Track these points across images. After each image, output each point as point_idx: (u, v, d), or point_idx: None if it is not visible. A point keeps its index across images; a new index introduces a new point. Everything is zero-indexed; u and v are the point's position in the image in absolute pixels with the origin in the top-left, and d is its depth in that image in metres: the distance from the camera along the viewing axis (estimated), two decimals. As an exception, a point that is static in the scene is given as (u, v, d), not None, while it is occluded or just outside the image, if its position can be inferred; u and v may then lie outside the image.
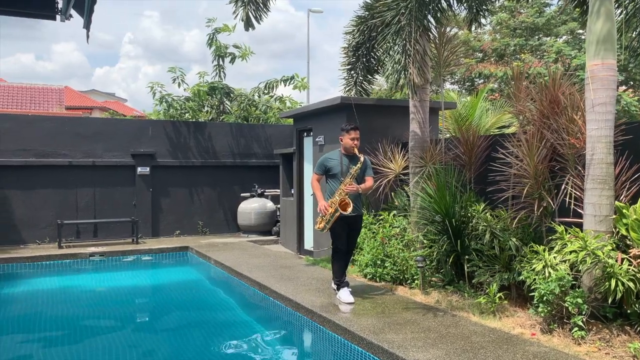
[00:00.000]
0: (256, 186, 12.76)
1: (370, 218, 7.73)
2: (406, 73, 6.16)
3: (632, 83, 19.38)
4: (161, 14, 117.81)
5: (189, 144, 12.63)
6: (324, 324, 5.36)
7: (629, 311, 4.47)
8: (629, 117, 17.36)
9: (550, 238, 5.16)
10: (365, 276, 7.10)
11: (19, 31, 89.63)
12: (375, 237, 7.18)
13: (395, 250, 6.83)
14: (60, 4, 5.85)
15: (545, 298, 4.57)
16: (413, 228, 7.03)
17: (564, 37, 21.32)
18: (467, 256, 6.01)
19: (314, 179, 6.22)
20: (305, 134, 10.02)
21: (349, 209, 5.85)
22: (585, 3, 7.03)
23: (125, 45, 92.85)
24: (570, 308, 4.47)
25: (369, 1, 7.99)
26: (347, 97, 8.31)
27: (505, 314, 5.25)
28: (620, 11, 6.97)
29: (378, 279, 6.91)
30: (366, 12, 8.01)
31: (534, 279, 4.78)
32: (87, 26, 6.21)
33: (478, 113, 11.01)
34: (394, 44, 6.32)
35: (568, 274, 4.56)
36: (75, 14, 6.03)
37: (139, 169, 11.96)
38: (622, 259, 4.47)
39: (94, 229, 11.61)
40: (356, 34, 8.30)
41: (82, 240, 11.32)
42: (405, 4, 6.20)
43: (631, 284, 4.29)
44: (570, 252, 4.58)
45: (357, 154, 6.01)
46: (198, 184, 12.74)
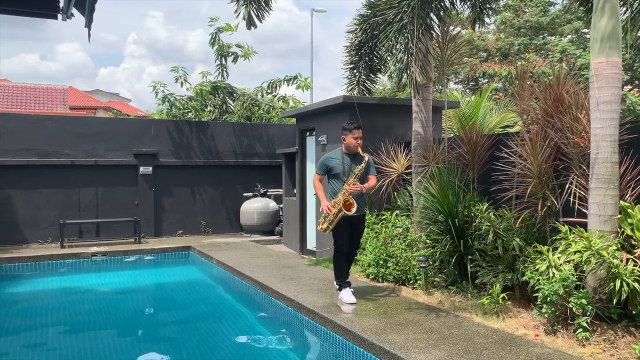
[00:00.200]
0: (259, 186, 12.73)
1: (372, 218, 7.68)
2: (408, 72, 6.11)
3: (638, 82, 19.24)
4: (165, 14, 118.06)
5: (191, 143, 12.60)
6: (325, 325, 5.31)
7: (634, 312, 4.41)
8: (634, 117, 17.25)
9: (554, 238, 5.10)
10: (368, 276, 7.06)
11: (24, 31, 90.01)
12: (377, 237, 7.13)
13: (398, 250, 6.78)
14: (61, 2, 5.84)
15: (549, 299, 4.52)
16: (416, 228, 6.98)
17: (568, 37, 21.21)
18: (470, 256, 5.96)
19: (316, 179, 6.14)
20: (307, 133, 9.98)
21: (353, 209, 5.77)
22: (590, 1, 6.96)
23: (129, 46, 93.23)
24: (575, 309, 4.42)
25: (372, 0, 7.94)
26: (350, 96, 8.27)
27: (508, 315, 5.20)
28: (625, 9, 6.90)
29: (380, 279, 6.86)
30: (369, 11, 7.96)
31: (538, 280, 4.73)
32: (89, 25, 6.19)
33: (482, 112, 10.97)
34: (396, 42, 6.27)
35: (572, 275, 4.50)
36: (77, 13, 6.03)
37: (142, 169, 11.94)
38: (627, 259, 4.42)
39: (97, 228, 11.60)
40: (359, 33, 8.25)
41: (85, 240, 11.31)
42: (407, 1, 6.16)
43: (636, 285, 4.24)
44: (575, 252, 4.52)
45: (360, 153, 5.96)
46: (200, 184, 12.71)
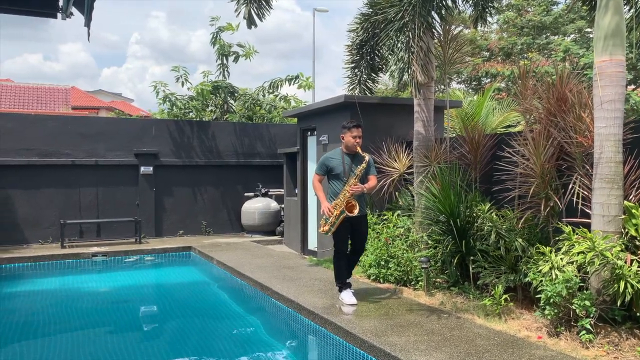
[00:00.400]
0: (260, 186, 12.69)
1: (374, 218, 7.62)
2: (409, 70, 6.05)
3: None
4: (168, 15, 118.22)
5: (192, 143, 12.57)
6: (325, 326, 5.26)
7: (638, 314, 4.35)
8: (638, 116, 17.15)
9: (557, 239, 5.04)
10: (369, 277, 7.00)
11: (27, 32, 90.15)
12: (379, 238, 7.07)
13: (399, 250, 6.72)
14: (61, 1, 5.80)
15: (552, 300, 4.46)
16: (417, 228, 6.92)
17: (571, 36, 21.11)
18: (472, 257, 5.90)
19: (316, 180, 5.99)
20: (309, 133, 9.93)
21: (355, 211, 5.67)
22: (593, -1, 6.90)
23: (132, 46, 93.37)
24: (578, 311, 4.36)
25: (373, -2, 7.89)
26: (351, 96, 8.22)
27: (511, 316, 5.14)
28: (629, 7, 6.84)
29: (382, 280, 6.80)
30: (370, 9, 7.91)
31: (541, 281, 4.67)
32: (88, 24, 6.16)
33: (484, 112, 10.89)
34: (397, 41, 6.22)
35: (575, 276, 4.44)
36: (77, 12, 6.00)
37: (142, 169, 11.91)
38: (632, 261, 4.36)
39: (97, 228, 11.58)
40: (360, 32, 8.20)
41: (85, 240, 11.28)
42: (408, 0, 6.10)
43: (641, 286, 4.18)
44: (578, 253, 4.46)
45: (360, 152, 5.86)
46: (201, 184, 12.68)
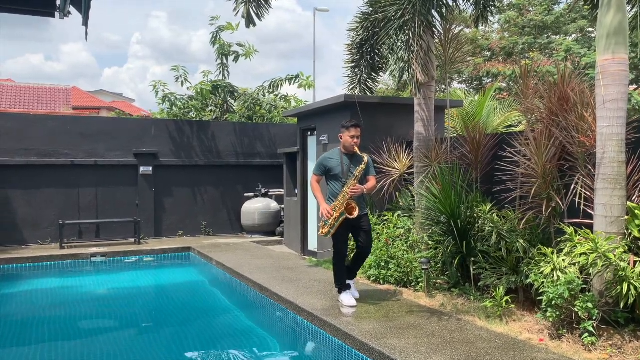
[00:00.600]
0: (260, 186, 12.63)
1: (374, 218, 7.56)
2: (410, 70, 5.99)
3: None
4: (169, 15, 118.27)
5: (192, 143, 12.52)
6: (324, 328, 5.20)
7: (642, 316, 4.29)
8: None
9: (559, 240, 4.97)
10: (369, 278, 6.94)
11: (28, 32, 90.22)
12: (379, 238, 7.01)
13: (400, 251, 6.66)
14: (58, 1, 5.76)
15: (554, 302, 4.40)
16: (418, 229, 6.86)
17: (573, 36, 21.03)
18: (473, 258, 5.84)
19: (314, 181, 5.87)
20: (309, 133, 9.88)
21: (355, 213, 5.56)
22: (596, -3, 6.83)
23: (133, 46, 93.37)
24: (580, 313, 4.30)
25: (373, -3, 7.83)
26: (351, 95, 8.16)
27: (512, 319, 5.08)
28: (632, 6, 6.77)
29: (382, 281, 6.74)
30: (370, 8, 7.85)
31: (542, 282, 4.61)
32: (86, 23, 6.13)
33: (485, 112, 10.83)
34: (397, 40, 6.16)
35: (578, 278, 4.39)
36: (75, 11, 5.96)
37: (142, 169, 11.86)
38: (635, 262, 4.30)
39: (96, 229, 11.53)
40: (360, 31, 8.14)
41: (85, 241, 11.23)
42: (409, -2, 6.04)
43: (644, 288, 4.12)
44: (580, 255, 4.41)
45: (359, 152, 5.76)
46: (201, 184, 12.63)
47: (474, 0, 7.25)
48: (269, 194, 12.60)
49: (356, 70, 8.53)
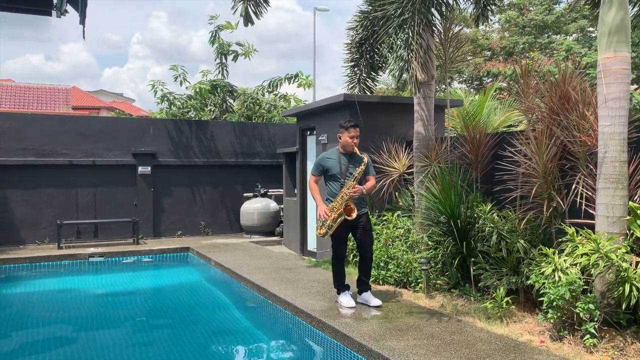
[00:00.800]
0: (259, 186, 12.58)
1: (373, 219, 7.51)
2: (409, 68, 5.93)
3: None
4: (169, 15, 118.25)
5: (190, 143, 12.46)
6: (323, 329, 5.15)
7: (644, 318, 4.24)
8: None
9: (560, 240, 4.92)
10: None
11: (28, 32, 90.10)
12: (378, 238, 6.96)
13: (399, 252, 6.61)
14: (55, -1, 5.71)
15: (555, 303, 4.34)
16: (417, 229, 6.81)
17: (573, 35, 20.97)
18: (473, 258, 5.78)
19: (312, 181, 5.80)
20: (308, 132, 9.82)
21: (354, 214, 5.50)
22: (597, -4, 6.78)
23: (133, 46, 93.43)
24: (582, 314, 4.25)
25: (372, -5, 7.78)
26: (350, 95, 8.11)
27: (512, 320, 5.03)
28: (633, 6, 6.72)
29: (381, 282, 6.69)
30: (369, 7, 7.80)
31: (543, 283, 4.56)
32: (83, 21, 6.08)
33: (486, 111, 10.78)
34: (397, 38, 6.10)
35: (579, 278, 4.34)
36: (72, 10, 5.91)
37: (140, 169, 11.80)
38: (637, 263, 4.25)
39: (95, 229, 11.47)
40: (359, 30, 8.10)
41: (83, 241, 11.18)
42: (408, -4, 5.98)
43: (647, 289, 4.06)
44: (582, 255, 4.35)
45: (358, 152, 5.71)
46: (200, 184, 12.57)
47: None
48: (268, 193, 12.55)
49: (355, 69, 8.49)
